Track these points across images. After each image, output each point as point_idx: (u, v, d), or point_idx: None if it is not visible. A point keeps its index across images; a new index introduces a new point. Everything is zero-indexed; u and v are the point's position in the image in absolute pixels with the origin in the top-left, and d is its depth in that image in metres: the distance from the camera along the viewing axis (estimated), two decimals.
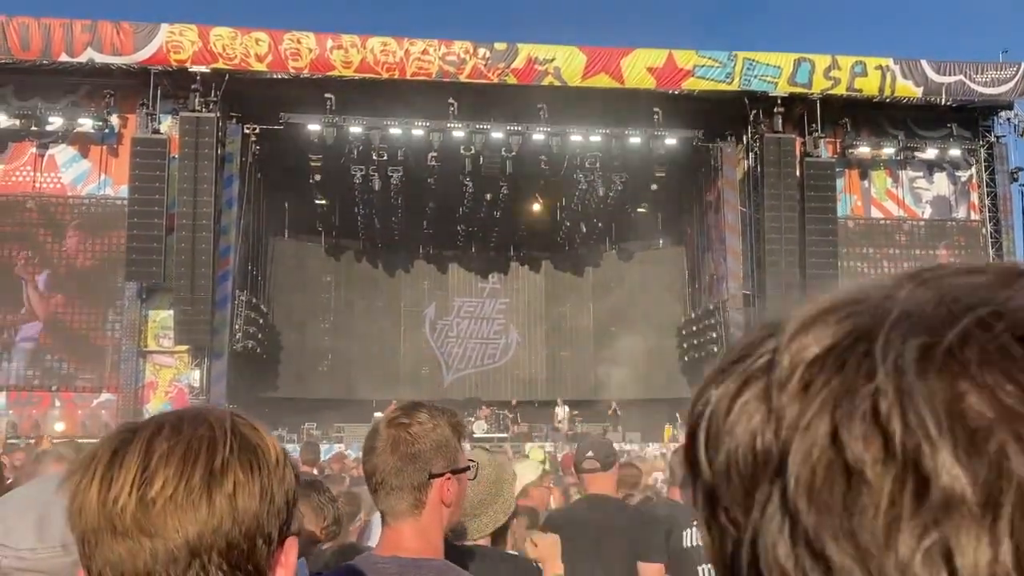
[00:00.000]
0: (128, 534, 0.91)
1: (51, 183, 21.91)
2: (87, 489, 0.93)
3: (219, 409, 1.03)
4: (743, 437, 0.43)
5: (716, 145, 23.94)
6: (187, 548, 0.92)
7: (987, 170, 24.08)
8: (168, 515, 0.92)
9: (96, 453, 0.96)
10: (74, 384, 21.34)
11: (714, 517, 0.45)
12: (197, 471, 0.94)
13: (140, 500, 0.92)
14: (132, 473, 0.93)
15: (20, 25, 20.67)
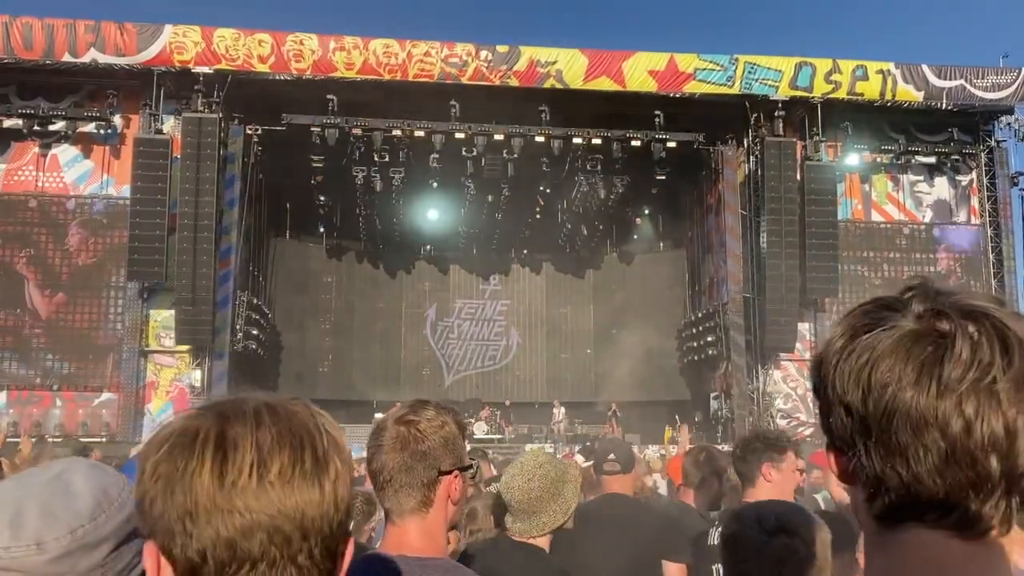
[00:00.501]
0: (245, 513, 0.93)
1: (53, 183, 21.96)
2: (198, 470, 0.93)
3: (290, 398, 1.05)
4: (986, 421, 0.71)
5: (717, 148, 23.97)
6: (300, 530, 0.95)
7: (987, 175, 24.12)
8: (286, 496, 0.94)
9: (196, 435, 0.96)
10: (75, 383, 21.38)
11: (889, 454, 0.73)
12: (307, 456, 0.97)
13: (259, 481, 0.94)
14: (249, 454, 0.94)
15: (23, 25, 20.71)
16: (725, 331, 23.37)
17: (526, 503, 3.09)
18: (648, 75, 22.11)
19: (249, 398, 1.02)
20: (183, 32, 21.03)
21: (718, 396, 23.98)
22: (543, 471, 3.21)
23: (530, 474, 3.15)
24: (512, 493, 3.11)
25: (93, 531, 1.19)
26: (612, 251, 30.07)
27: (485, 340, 30.40)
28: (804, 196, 22.34)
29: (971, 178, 24.53)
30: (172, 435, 0.97)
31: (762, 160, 22.42)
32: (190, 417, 1.00)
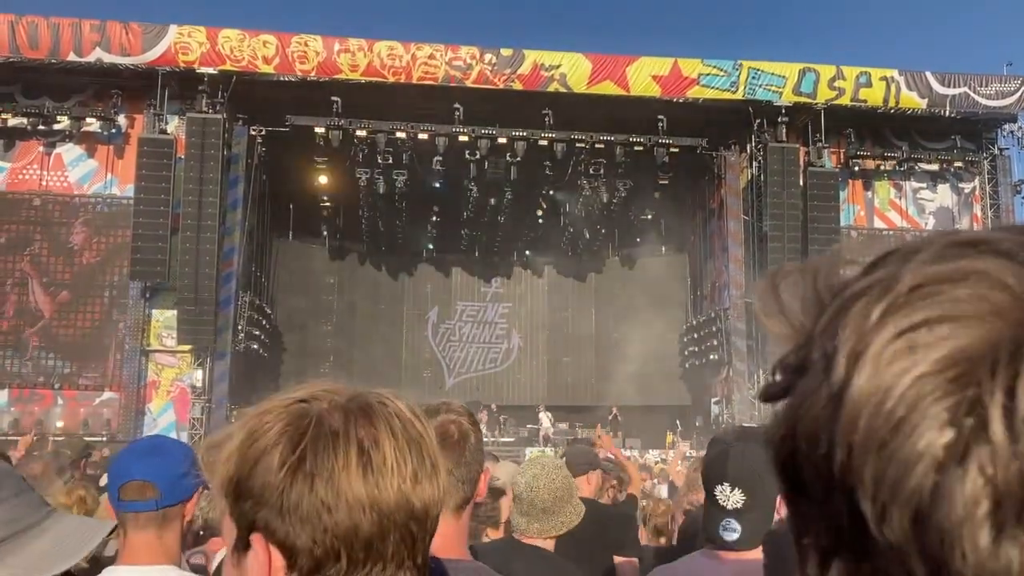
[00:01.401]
0: (387, 512, 0.95)
1: (58, 182, 22.00)
2: (344, 467, 0.94)
3: (391, 393, 1.05)
4: (929, 433, 0.37)
5: (720, 153, 23.99)
6: (423, 530, 0.98)
7: (990, 182, 24.11)
8: (416, 497, 0.97)
9: (336, 431, 0.96)
10: (76, 382, 21.41)
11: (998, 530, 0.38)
12: (427, 458, 0.99)
13: (400, 482, 0.96)
14: (390, 456, 0.96)
15: (29, 24, 20.77)
16: (727, 336, 23.37)
17: (550, 503, 3.15)
18: (652, 80, 22.13)
19: (364, 393, 1.02)
20: (188, 33, 21.08)
21: (719, 401, 23.98)
22: (562, 472, 3.31)
23: (552, 474, 3.22)
24: (538, 493, 3.15)
25: None
26: (614, 255, 30.08)
27: (486, 343, 30.41)
28: (807, 202, 22.35)
29: (974, 186, 24.53)
30: (306, 427, 0.96)
31: (765, 165, 22.43)
32: (318, 409, 0.98)
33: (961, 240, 0.41)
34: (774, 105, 22.53)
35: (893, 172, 24.21)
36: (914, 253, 0.41)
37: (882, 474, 0.38)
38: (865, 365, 0.39)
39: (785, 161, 22.36)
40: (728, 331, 23.31)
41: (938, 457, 0.37)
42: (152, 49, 20.97)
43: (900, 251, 0.42)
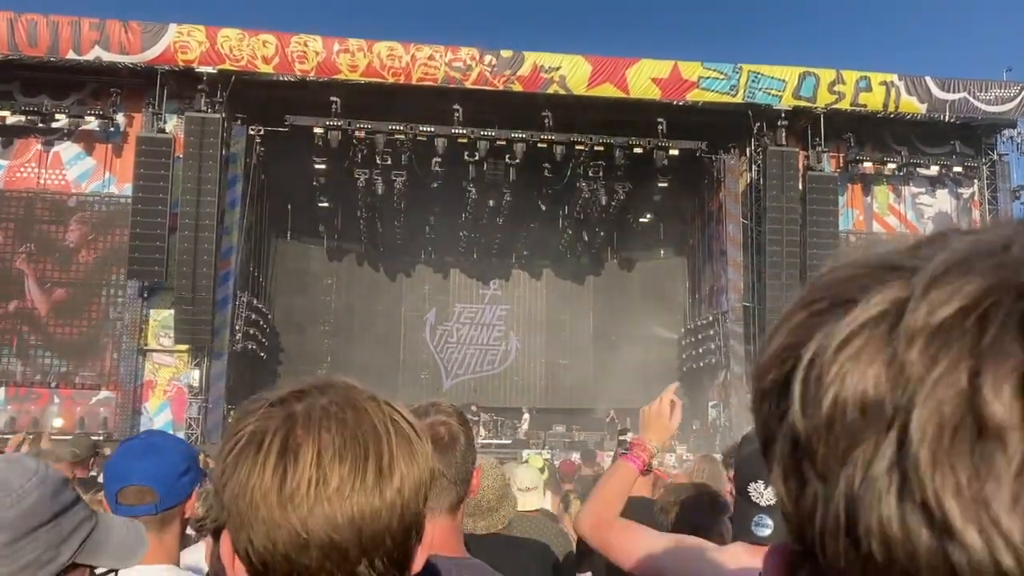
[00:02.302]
0: (304, 530, 0.91)
1: (55, 180, 21.96)
2: (259, 481, 0.91)
3: (365, 391, 1.01)
4: (854, 386, 0.40)
5: (719, 157, 23.99)
6: (357, 545, 0.92)
7: (989, 188, 24.12)
8: (343, 511, 0.91)
9: (261, 441, 0.94)
10: (73, 381, 21.36)
11: (797, 466, 0.43)
12: (370, 468, 0.93)
13: (316, 496, 0.91)
14: (308, 469, 0.91)
15: (28, 22, 20.74)
16: (725, 340, 23.36)
17: (495, 502, 3.35)
18: (652, 82, 22.13)
19: (326, 394, 0.98)
20: (187, 32, 21.05)
21: (716, 405, 23.96)
22: (498, 471, 3.52)
23: (492, 474, 3.41)
24: (484, 494, 3.30)
25: None
26: (613, 258, 30.05)
27: (484, 345, 30.37)
28: (806, 206, 22.35)
29: (973, 191, 24.55)
30: (240, 437, 0.95)
31: (764, 169, 22.43)
32: (264, 413, 0.97)
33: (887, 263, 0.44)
34: (774, 109, 22.53)
35: (892, 177, 24.22)
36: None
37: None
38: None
39: (784, 165, 22.36)
40: (726, 334, 23.29)
41: (774, 410, 0.44)
42: (151, 48, 20.94)
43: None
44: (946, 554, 0.36)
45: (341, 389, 1.00)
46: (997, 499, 0.36)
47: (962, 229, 0.44)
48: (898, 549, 0.38)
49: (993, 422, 0.36)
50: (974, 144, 24.20)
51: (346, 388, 1.01)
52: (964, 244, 0.42)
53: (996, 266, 0.39)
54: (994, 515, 0.35)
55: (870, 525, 0.39)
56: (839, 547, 0.40)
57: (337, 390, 1.00)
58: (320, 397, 0.98)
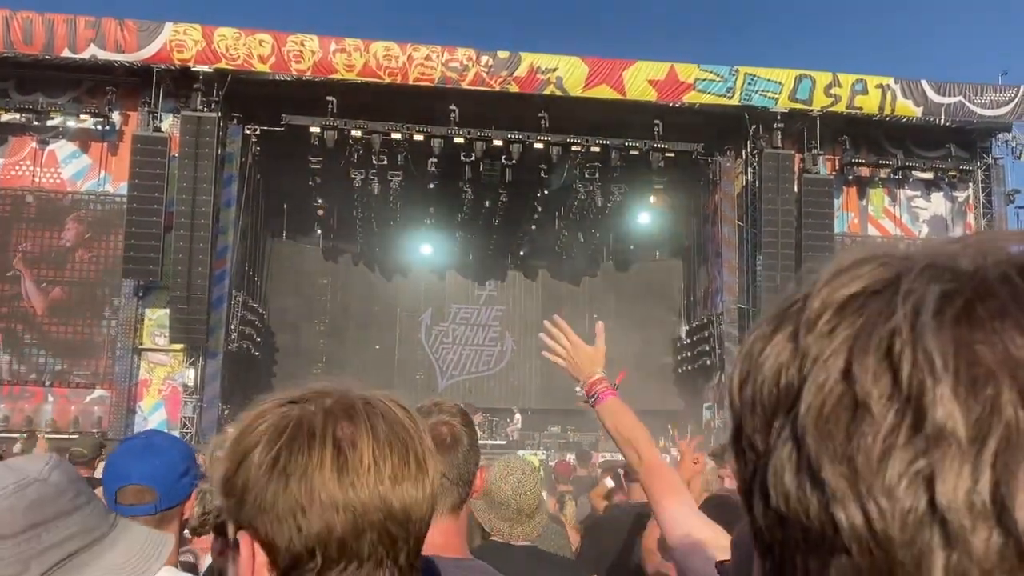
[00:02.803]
0: (361, 511, 0.94)
1: (50, 178, 21.90)
2: (319, 466, 0.94)
3: (385, 395, 1.05)
4: (769, 372, 0.46)
5: (715, 159, 24.01)
6: (405, 531, 0.97)
7: (984, 191, 24.17)
8: (396, 497, 0.96)
9: (313, 430, 0.96)
10: (68, 380, 21.30)
11: (739, 446, 0.49)
12: (412, 459, 0.98)
13: (376, 481, 0.95)
14: (367, 455, 0.95)
15: (24, 19, 20.68)
16: (720, 341, 23.37)
17: (534, 508, 3.13)
18: (648, 84, 22.14)
19: (351, 394, 1.02)
20: (183, 30, 21.01)
21: (711, 407, 23.97)
22: (537, 475, 3.28)
23: (532, 479, 3.20)
24: (525, 499, 3.10)
25: None
26: (608, 259, 30.06)
27: (480, 345, 30.35)
28: (801, 208, 22.37)
29: (968, 194, 24.60)
30: (281, 427, 0.97)
31: (760, 172, 22.45)
32: (298, 410, 0.99)
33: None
34: (770, 111, 22.56)
35: (887, 180, 24.25)
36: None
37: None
38: None
39: (780, 167, 22.38)
40: (721, 337, 23.31)
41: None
42: (147, 46, 20.90)
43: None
44: (830, 512, 0.41)
45: (361, 391, 1.04)
46: (867, 464, 0.40)
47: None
48: (797, 509, 0.43)
49: (862, 394, 0.41)
50: (969, 148, 24.25)
51: (366, 391, 1.04)
52: (863, 250, 0.48)
53: (884, 263, 0.45)
54: (865, 480, 0.40)
55: (776, 487, 0.44)
56: (761, 510, 0.46)
57: (360, 391, 1.03)
58: (352, 399, 1.02)
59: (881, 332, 0.42)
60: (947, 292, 0.42)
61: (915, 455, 0.40)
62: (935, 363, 0.40)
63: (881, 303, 0.43)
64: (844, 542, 0.41)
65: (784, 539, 0.45)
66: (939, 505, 0.39)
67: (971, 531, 0.38)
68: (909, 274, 0.44)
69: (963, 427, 0.39)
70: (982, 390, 0.39)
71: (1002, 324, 0.40)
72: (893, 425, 0.40)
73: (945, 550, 0.39)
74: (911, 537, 0.39)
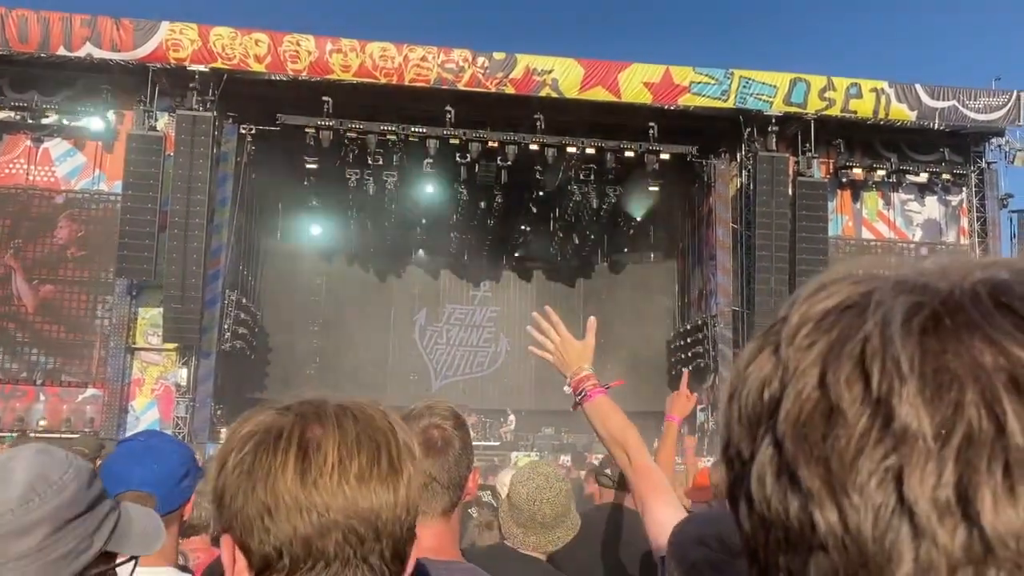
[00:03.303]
0: (324, 512, 0.95)
1: (44, 176, 21.84)
2: (281, 468, 0.95)
3: (367, 401, 1.06)
4: (754, 385, 0.49)
5: (710, 161, 24.05)
6: (374, 531, 0.97)
7: (977, 195, 24.25)
8: (363, 498, 0.96)
9: (280, 433, 0.98)
10: (59, 378, 21.24)
11: (727, 455, 0.52)
12: (383, 459, 0.98)
13: (339, 481, 0.95)
14: (331, 455, 0.96)
15: (19, 17, 20.62)
16: (714, 343, 23.41)
17: (551, 519, 2.97)
18: (643, 87, 22.16)
19: (329, 400, 1.03)
20: (180, 29, 20.97)
21: (705, 409, 24.00)
22: (565, 485, 3.10)
23: (556, 487, 3.04)
24: (540, 507, 2.96)
25: (23, 515, 1.21)
26: (603, 261, 30.09)
27: (474, 346, 30.35)
28: (795, 211, 22.42)
29: (961, 198, 24.67)
30: (255, 432, 0.99)
31: (754, 174, 22.50)
32: (272, 415, 1.01)
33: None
34: (764, 114, 22.60)
35: (882, 183, 24.32)
36: None
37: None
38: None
39: (774, 170, 22.42)
40: (715, 339, 23.35)
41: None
42: (143, 45, 20.86)
43: None
44: (808, 511, 0.44)
45: (343, 397, 1.05)
46: (840, 464, 0.43)
47: None
48: (778, 511, 0.45)
49: (835, 399, 0.43)
50: (963, 152, 24.32)
51: (348, 398, 1.06)
52: (841, 270, 0.51)
53: (858, 280, 0.48)
54: (839, 479, 0.42)
55: (759, 492, 0.46)
56: (746, 514, 0.48)
57: (340, 398, 1.05)
58: (327, 404, 1.03)
59: (853, 342, 0.44)
60: (915, 304, 0.44)
61: (884, 453, 0.42)
62: (902, 367, 0.42)
63: (853, 316, 0.46)
64: (821, 540, 0.43)
65: (767, 542, 0.47)
66: (907, 500, 0.41)
67: (938, 524, 0.40)
68: (880, 290, 0.46)
69: (928, 425, 0.41)
70: (947, 392, 0.41)
71: (970, 336, 0.42)
72: (865, 428, 0.42)
73: (914, 543, 0.41)
74: (882, 532, 0.41)
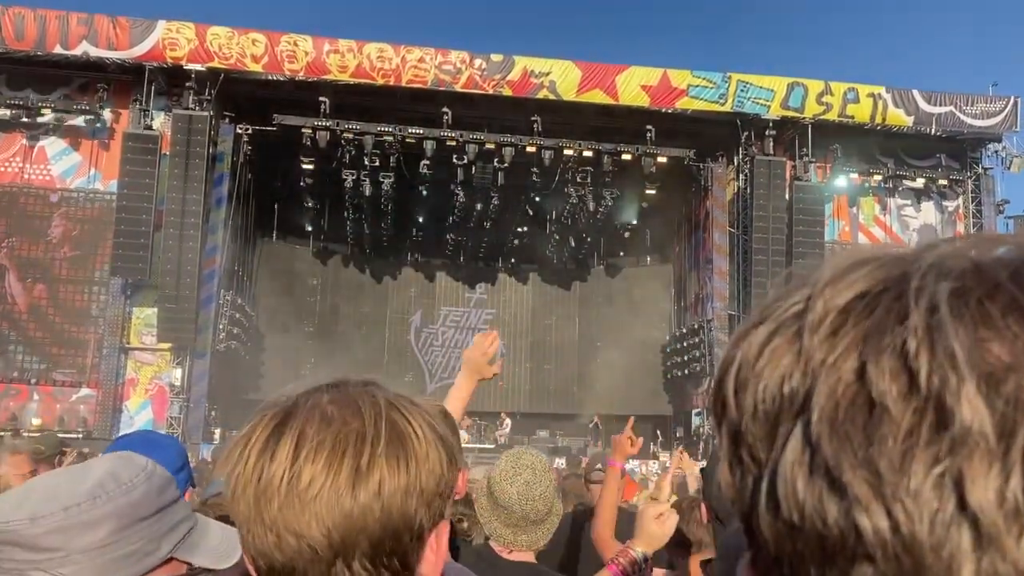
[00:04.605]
0: (275, 527, 0.91)
1: (40, 175, 21.78)
2: (242, 472, 0.93)
3: (375, 391, 0.99)
4: (771, 378, 0.45)
5: (707, 165, 24.07)
6: (330, 547, 0.91)
7: (974, 201, 24.29)
8: (313, 512, 0.90)
9: (251, 437, 0.95)
10: (53, 378, 21.16)
11: (737, 456, 0.47)
12: (344, 468, 0.92)
13: (287, 495, 0.91)
14: (282, 466, 0.91)
15: (15, 15, 20.58)
16: (709, 348, 23.40)
17: (543, 513, 2.76)
18: (641, 90, 22.17)
19: (331, 392, 0.98)
20: (176, 29, 20.93)
21: (700, 412, 23.99)
22: (551, 475, 2.89)
23: (544, 479, 2.82)
24: (534, 504, 2.73)
25: (89, 510, 1.24)
26: (599, 264, 30.10)
27: None
28: (792, 216, 22.43)
29: (958, 204, 24.71)
30: (245, 434, 0.97)
31: (751, 178, 22.50)
32: (264, 413, 0.98)
33: None
34: (762, 118, 22.62)
35: (878, 188, 24.36)
36: None
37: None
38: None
39: (771, 175, 22.44)
40: (711, 343, 23.33)
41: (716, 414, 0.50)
42: (140, 44, 20.82)
43: None
44: (851, 518, 0.40)
45: (351, 388, 0.99)
46: (890, 467, 0.39)
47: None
48: (813, 518, 0.41)
49: (877, 394, 0.40)
50: (960, 157, 24.37)
51: (358, 386, 0.99)
52: (858, 252, 0.47)
53: (885, 264, 0.45)
54: (889, 482, 0.39)
55: (788, 496, 0.42)
56: (769, 521, 0.44)
57: (345, 388, 0.98)
58: (324, 395, 0.97)
59: (894, 331, 0.41)
60: (958, 289, 0.41)
61: (938, 456, 0.39)
62: (957, 361, 0.39)
63: (888, 303, 0.42)
64: (868, 549, 0.40)
65: (796, 551, 0.43)
66: (969, 505, 0.38)
67: (1004, 531, 0.37)
68: (917, 274, 0.43)
69: (990, 425, 0.38)
70: (1003, 386, 0.38)
71: (1015, 320, 0.40)
72: (913, 425, 0.39)
73: (976, 552, 0.38)
74: (940, 540, 0.38)
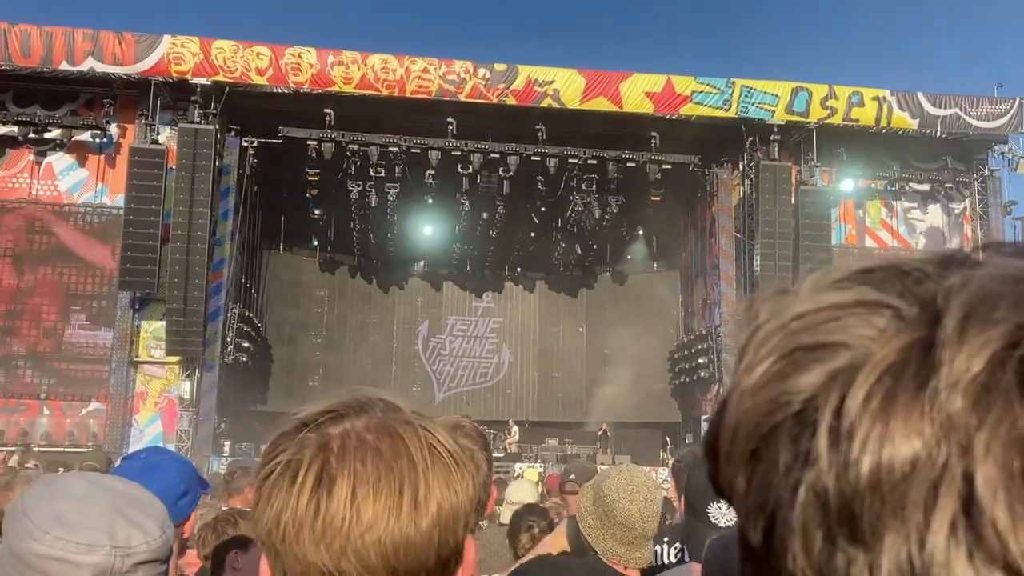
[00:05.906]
0: (338, 565, 0.90)
1: (48, 191, 21.87)
2: (294, 512, 0.91)
3: (405, 415, 0.99)
4: (897, 445, 0.35)
5: (712, 171, 24.05)
6: (388, 573, 0.91)
7: (980, 203, 24.22)
8: (376, 550, 0.90)
9: (296, 473, 0.93)
10: (63, 393, 21.20)
11: (828, 536, 0.37)
12: (405, 502, 0.92)
13: (349, 535, 0.90)
14: (343, 505, 0.90)
15: (22, 32, 20.70)
16: (717, 353, 23.34)
17: (654, 530, 2.79)
18: (645, 96, 22.19)
19: (362, 417, 0.97)
20: (181, 43, 21.04)
21: (708, 419, 23.91)
22: (660, 492, 2.91)
23: (657, 496, 2.83)
24: (650, 523, 2.75)
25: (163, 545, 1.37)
26: (606, 271, 30.09)
27: (477, 357, 30.31)
28: (798, 220, 22.38)
29: (964, 206, 24.64)
30: (278, 465, 0.94)
31: (757, 184, 22.48)
32: (299, 442, 0.95)
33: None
34: (767, 123, 22.61)
35: (884, 192, 24.30)
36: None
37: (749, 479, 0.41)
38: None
39: (777, 180, 22.40)
40: (718, 348, 23.28)
41: (788, 464, 0.39)
42: (145, 59, 20.91)
43: None
44: None
45: (379, 411, 0.98)
46: None
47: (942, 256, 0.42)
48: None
49: None
50: (966, 160, 24.31)
51: (384, 410, 0.99)
52: (979, 278, 0.38)
53: (1016, 303, 0.36)
54: None
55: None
56: None
57: (375, 413, 0.98)
58: (356, 420, 0.96)
59: None
60: None
61: None
62: None
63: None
64: None
65: None
66: None
67: None
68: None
69: None
70: None
71: None
72: None
73: None
74: None
